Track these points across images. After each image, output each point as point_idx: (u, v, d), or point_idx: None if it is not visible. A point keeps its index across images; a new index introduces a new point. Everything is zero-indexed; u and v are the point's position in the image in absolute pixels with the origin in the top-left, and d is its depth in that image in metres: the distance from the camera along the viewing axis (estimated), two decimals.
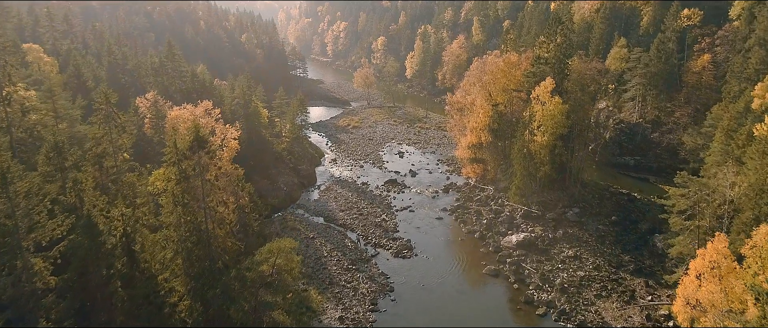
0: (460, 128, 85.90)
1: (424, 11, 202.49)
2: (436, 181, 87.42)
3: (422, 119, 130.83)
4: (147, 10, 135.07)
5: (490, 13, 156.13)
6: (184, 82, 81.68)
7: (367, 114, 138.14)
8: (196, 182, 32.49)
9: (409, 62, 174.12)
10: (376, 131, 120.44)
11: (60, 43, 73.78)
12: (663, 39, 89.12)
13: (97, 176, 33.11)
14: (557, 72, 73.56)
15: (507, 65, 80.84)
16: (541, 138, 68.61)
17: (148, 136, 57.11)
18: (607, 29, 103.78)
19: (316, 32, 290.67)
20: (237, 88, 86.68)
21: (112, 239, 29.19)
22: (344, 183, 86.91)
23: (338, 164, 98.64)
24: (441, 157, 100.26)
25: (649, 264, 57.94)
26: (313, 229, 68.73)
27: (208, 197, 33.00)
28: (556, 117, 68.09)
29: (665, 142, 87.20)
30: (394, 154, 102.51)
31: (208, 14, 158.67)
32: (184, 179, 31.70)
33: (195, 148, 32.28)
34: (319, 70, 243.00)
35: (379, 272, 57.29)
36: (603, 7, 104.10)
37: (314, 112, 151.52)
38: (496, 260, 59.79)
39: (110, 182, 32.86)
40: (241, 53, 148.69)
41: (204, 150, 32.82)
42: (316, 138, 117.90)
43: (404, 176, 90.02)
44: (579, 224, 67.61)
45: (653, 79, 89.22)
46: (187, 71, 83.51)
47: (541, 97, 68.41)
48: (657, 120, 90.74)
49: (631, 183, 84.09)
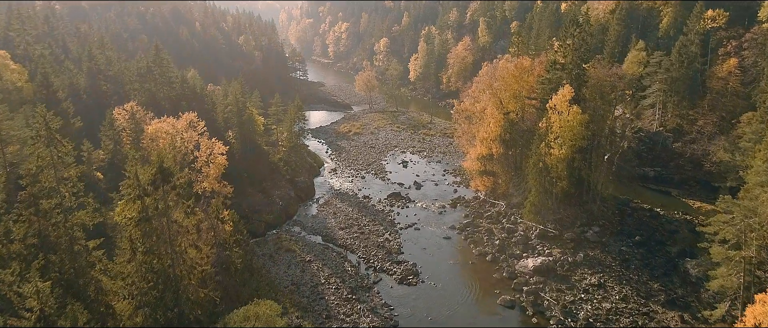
0: (468, 138, 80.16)
1: (427, 12, 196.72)
2: (443, 194, 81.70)
3: (426, 125, 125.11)
4: (140, 11, 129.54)
5: (496, 14, 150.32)
6: (173, 88, 76.12)
7: (368, 119, 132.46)
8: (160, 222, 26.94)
9: (412, 65, 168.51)
10: (379, 138, 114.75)
11: (33, 48, 68.20)
12: (685, 42, 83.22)
13: (34, 221, 27.32)
14: (574, 78, 67.79)
15: (519, 70, 75.10)
16: (558, 151, 62.79)
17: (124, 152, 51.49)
18: (624, 31, 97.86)
19: (317, 33, 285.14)
20: (230, 95, 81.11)
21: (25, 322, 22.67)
22: (344, 196, 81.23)
23: (338, 174, 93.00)
24: (447, 167, 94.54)
25: (681, 294, 52.09)
26: (310, 250, 63.06)
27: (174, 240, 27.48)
28: (575, 128, 62.27)
29: (688, 152, 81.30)
30: (398, 164, 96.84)
31: (205, 15, 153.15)
32: (145, 219, 26.16)
33: (158, 182, 26.69)
34: (321, 72, 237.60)
35: (381, 303, 51.59)
36: (619, 7, 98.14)
37: (314, 116, 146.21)
38: (512, 288, 54.05)
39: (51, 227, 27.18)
40: (238, 56, 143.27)
41: (169, 184, 27.20)
42: (316, 145, 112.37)
43: (408, 188, 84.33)
44: (600, 245, 61.81)
45: (674, 85, 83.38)
46: (176, 77, 77.95)
47: (559, 107, 62.59)
48: (678, 129, 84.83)
49: (652, 197, 78.38)
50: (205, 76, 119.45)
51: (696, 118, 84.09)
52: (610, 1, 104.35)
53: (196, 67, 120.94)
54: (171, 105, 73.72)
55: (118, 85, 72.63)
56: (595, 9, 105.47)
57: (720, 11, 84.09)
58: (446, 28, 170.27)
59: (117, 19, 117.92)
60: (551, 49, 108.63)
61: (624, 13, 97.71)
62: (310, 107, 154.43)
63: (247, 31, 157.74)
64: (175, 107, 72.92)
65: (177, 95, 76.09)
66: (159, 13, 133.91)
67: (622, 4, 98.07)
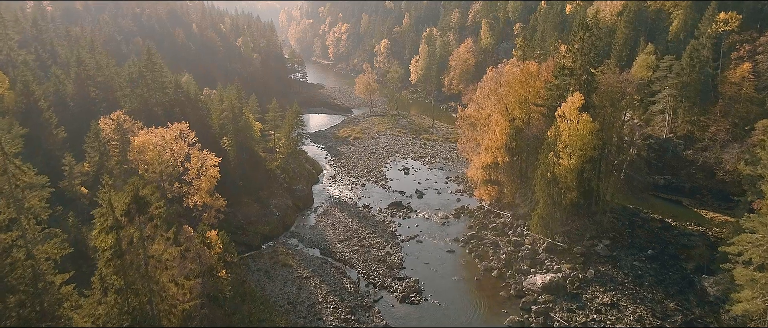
0: (472, 145, 77.26)
1: (429, 13, 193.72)
2: (446, 203, 78.87)
3: (428, 129, 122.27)
4: (136, 12, 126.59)
5: (499, 16, 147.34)
6: (166, 94, 73.35)
7: (369, 123, 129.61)
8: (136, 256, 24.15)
9: (413, 67, 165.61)
10: (379, 143, 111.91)
11: (16, 53, 65.16)
12: (696, 46, 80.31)
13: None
14: (583, 84, 65.03)
15: (525, 75, 72.28)
16: (567, 161, 59.96)
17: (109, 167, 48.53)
18: (632, 34, 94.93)
19: (317, 34, 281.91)
20: (226, 100, 78.28)
21: None
22: (344, 205, 78.40)
23: (338, 181, 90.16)
24: (450, 174, 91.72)
25: (699, 314, 49.29)
26: (308, 265, 60.22)
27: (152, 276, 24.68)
28: (585, 137, 59.49)
29: (700, 160, 78.41)
30: (399, 171, 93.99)
31: (202, 17, 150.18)
32: (117, 255, 23.35)
33: (133, 213, 23.89)
34: (321, 74, 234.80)
35: (382, 325, 48.75)
36: (627, 9, 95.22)
37: (314, 120, 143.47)
38: (520, 307, 51.25)
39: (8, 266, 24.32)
40: (236, 58, 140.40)
41: (146, 215, 24.39)
42: (315, 151, 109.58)
43: (410, 196, 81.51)
44: (611, 259, 59.05)
45: (685, 90, 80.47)
46: (169, 82, 75.16)
47: (568, 115, 59.76)
48: (689, 135, 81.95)
49: (662, 206, 75.61)
50: (202, 79, 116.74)
51: (708, 124, 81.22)
52: (618, 1, 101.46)
53: (192, 70, 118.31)
54: (164, 111, 70.97)
55: (109, 91, 69.79)
56: (602, 11, 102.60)
57: (733, 14, 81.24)
58: (448, 29, 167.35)
59: (111, 21, 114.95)
60: (558, 52, 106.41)
61: (632, 15, 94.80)
62: (310, 110, 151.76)
63: (246, 33, 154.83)
64: (168, 114, 70.20)
65: (170, 101, 73.35)
66: (155, 15, 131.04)
67: (629, 6, 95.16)
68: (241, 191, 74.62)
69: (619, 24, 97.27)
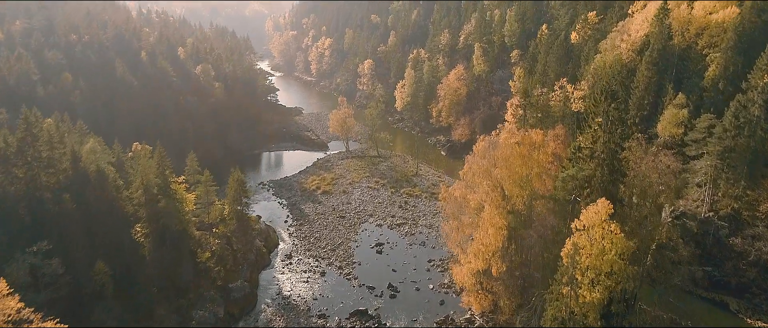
0: (459, 235, 59.52)
1: (416, 32, 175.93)
2: (426, 307, 61.30)
3: (411, 178, 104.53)
4: (71, 40, 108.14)
5: (494, 39, 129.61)
6: (53, 174, 55.56)
7: (343, 168, 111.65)
8: None
9: (399, 93, 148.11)
10: (352, 200, 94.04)
11: None
12: (744, 101, 62.92)
13: None
14: (607, 171, 47.54)
15: (528, 148, 54.93)
16: (589, 294, 42.36)
17: None
18: (655, 78, 77.40)
19: (300, 48, 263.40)
20: (139, 176, 60.21)
21: None
22: (293, 312, 60.61)
23: (293, 265, 72.27)
24: (433, 252, 74.11)
25: None
26: None
27: None
28: (614, 261, 41.89)
29: (751, 253, 61.04)
30: (371, 248, 76.16)
31: (158, 41, 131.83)
32: None
33: None
34: (302, 92, 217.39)
35: None
36: (650, 48, 77.59)
37: (284, 158, 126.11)
38: None
39: None
40: (194, 89, 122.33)
41: None
42: (274, 209, 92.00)
43: (380, 296, 63.81)
44: None
45: (729, 158, 63.09)
46: (62, 156, 57.33)
47: (590, 230, 42.14)
48: (734, 215, 64.56)
49: (702, 311, 58.92)
50: (143, 123, 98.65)
51: (758, 201, 63.89)
52: (636, 36, 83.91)
53: (133, 112, 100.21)
54: (53, 195, 53.11)
55: None
56: (616, 48, 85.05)
57: None
58: (437, 52, 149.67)
59: (34, 54, 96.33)
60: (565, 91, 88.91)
61: (656, 54, 77.19)
62: (280, 146, 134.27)
63: (208, 58, 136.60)
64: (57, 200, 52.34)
65: (59, 184, 55.50)
66: (97, 42, 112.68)
67: (653, 44, 77.49)
68: (155, 300, 56.85)
69: (639, 64, 79.68)
